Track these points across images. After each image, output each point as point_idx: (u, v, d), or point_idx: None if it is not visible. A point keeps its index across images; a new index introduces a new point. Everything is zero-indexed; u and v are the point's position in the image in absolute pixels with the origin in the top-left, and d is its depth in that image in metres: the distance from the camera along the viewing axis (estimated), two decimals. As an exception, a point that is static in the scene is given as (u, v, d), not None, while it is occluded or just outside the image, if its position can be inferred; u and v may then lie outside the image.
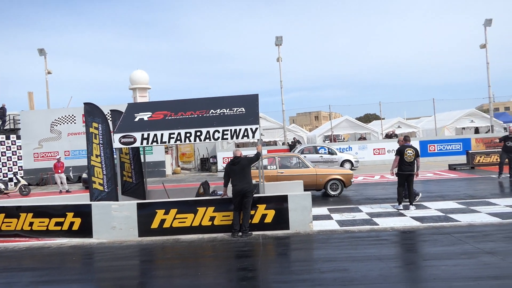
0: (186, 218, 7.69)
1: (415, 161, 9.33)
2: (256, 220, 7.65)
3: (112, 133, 8.38)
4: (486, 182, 13.30)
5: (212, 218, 7.67)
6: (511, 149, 13.40)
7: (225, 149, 24.94)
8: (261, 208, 7.67)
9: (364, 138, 27.59)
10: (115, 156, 8.45)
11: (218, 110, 8.41)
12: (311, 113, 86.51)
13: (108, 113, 9.91)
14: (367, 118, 57.07)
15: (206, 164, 25.61)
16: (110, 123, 8.86)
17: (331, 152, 20.52)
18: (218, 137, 7.80)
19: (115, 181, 8.40)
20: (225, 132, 7.78)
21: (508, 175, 13.48)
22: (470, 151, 18.84)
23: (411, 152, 9.31)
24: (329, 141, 27.83)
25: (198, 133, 7.76)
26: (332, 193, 12.04)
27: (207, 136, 7.78)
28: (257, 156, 7.89)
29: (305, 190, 11.89)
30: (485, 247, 6.07)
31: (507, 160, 13.48)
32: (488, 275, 4.91)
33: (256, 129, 7.82)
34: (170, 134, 7.78)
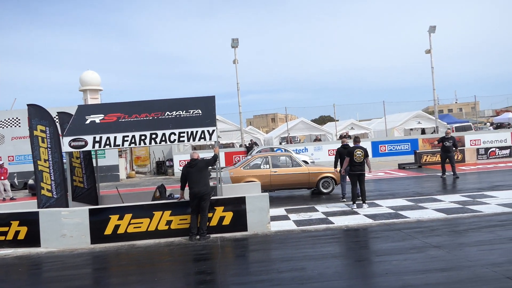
0: (142, 223, 7.49)
1: (365, 161, 9.73)
2: (214, 222, 7.59)
3: (61, 137, 7.99)
4: (432, 180, 14.08)
5: (169, 222, 7.52)
6: (449, 148, 14.30)
7: (182, 151, 24.57)
8: (219, 211, 7.63)
9: (319, 140, 28.25)
10: (64, 160, 8.06)
11: (174, 112, 8.28)
12: (268, 115, 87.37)
13: (56, 115, 9.45)
14: (322, 120, 58.49)
15: (162, 167, 25.08)
16: (58, 126, 8.45)
17: (287, 154, 20.80)
18: (175, 140, 7.67)
19: (65, 187, 8.00)
20: (182, 135, 7.67)
21: (452, 173, 14.35)
22: (417, 151, 19.88)
23: (360, 152, 9.70)
24: (285, 142, 28.22)
25: (154, 136, 7.59)
26: (324, 190, 12.21)
27: (163, 139, 7.63)
28: (215, 159, 7.84)
29: (297, 188, 12.58)
30: (432, 241, 6.42)
31: (448, 159, 14.39)
32: (436, 268, 5.19)
33: (213, 131, 7.79)
34: (124, 137, 7.54)
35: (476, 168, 17.53)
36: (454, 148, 14.39)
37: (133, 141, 7.55)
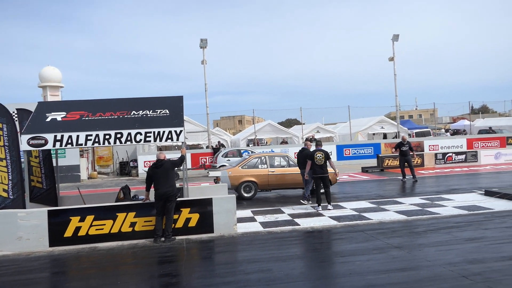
0: (104, 224, 7.26)
1: (327, 164, 9.91)
2: (179, 224, 7.49)
3: (19, 134, 7.62)
4: (393, 183, 14.56)
5: (133, 224, 7.34)
6: (406, 152, 15.01)
7: (147, 152, 24.08)
8: (185, 212, 7.53)
9: (286, 142, 28.54)
10: (22, 159, 7.69)
11: (141, 111, 8.09)
12: (235, 117, 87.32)
13: (14, 112, 9.01)
14: (289, 123, 59.09)
15: (126, 168, 24.45)
16: (17, 123, 8.05)
17: (254, 156, 20.87)
18: (140, 140, 7.51)
19: (22, 187, 7.63)
20: (148, 135, 7.52)
21: (411, 176, 14.92)
22: (380, 155, 20.54)
23: (320, 155, 9.92)
24: (252, 144, 28.32)
25: (119, 135, 7.39)
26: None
27: (128, 139, 7.44)
28: (181, 159, 7.74)
29: (292, 188, 12.71)
30: (394, 242, 6.64)
31: (406, 163, 15.03)
32: (397, 268, 5.37)
33: (181, 131, 7.69)
34: (87, 135, 7.29)
35: (434, 172, 18.31)
36: (411, 152, 15.14)
37: (97, 140, 7.31)
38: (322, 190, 10.06)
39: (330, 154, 10.83)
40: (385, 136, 31.41)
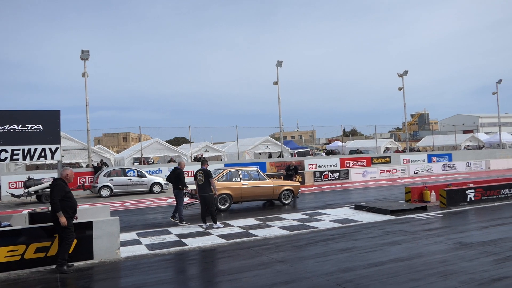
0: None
1: (209, 182, 9.97)
2: (53, 252, 6.69)
3: None
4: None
5: (-8, 255, 6.32)
6: (292, 176, 16.99)
7: (12, 172, 21.21)
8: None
9: (174, 161, 28.00)
10: None
11: (7, 126, 7.14)
12: (120, 134, 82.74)
13: None
14: (177, 141, 58.32)
15: (-15, 190, 21.07)
16: None
17: (140, 175, 20.01)
18: (6, 158, 6.62)
19: None
20: (16, 152, 6.68)
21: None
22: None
23: (200, 175, 10.06)
24: (138, 163, 27.09)
25: (-23, 152, 6.38)
26: (285, 201, 13.75)
27: (-10, 156, 6.48)
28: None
29: (264, 200, 13.80)
30: (278, 256, 6.97)
31: None
32: (281, 281, 5.64)
33: (57, 149, 7.00)
34: None
35: (313, 189, 19.87)
36: (296, 173, 17.42)
37: None
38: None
39: (212, 173, 11.03)
40: (270, 155, 33.07)
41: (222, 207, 12.58)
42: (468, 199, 12.34)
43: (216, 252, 7.64)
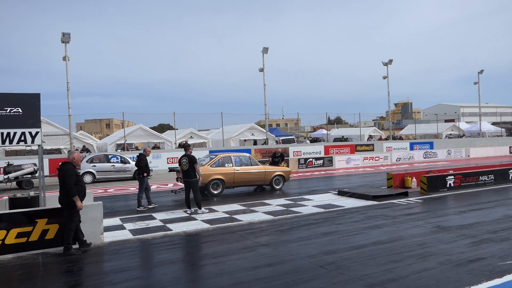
0: None
1: (194, 168, 9.91)
2: (35, 237, 6.62)
3: None
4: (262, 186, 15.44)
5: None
6: (278, 162, 17.84)
7: (-8, 157, 20.71)
8: (42, 223, 6.70)
9: (158, 147, 27.80)
10: None
11: (-15, 108, 6.96)
12: (102, 120, 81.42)
13: None
14: (161, 128, 57.76)
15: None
16: None
17: (123, 161, 19.82)
18: (-16, 141, 6.45)
19: None
20: (-5, 135, 6.50)
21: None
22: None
23: (185, 160, 10.01)
24: (121, 149, 26.81)
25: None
26: (276, 187, 14.02)
27: (-32, 139, 6.32)
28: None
29: (255, 185, 14.06)
30: (262, 240, 7.05)
31: None
32: (264, 264, 5.71)
33: (37, 133, 6.88)
34: None
35: (297, 175, 20.03)
36: (282, 160, 18.29)
37: None
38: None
39: (198, 159, 11.07)
40: (255, 142, 33.12)
41: (215, 192, 12.75)
42: (448, 185, 12.64)
43: (200, 236, 7.68)
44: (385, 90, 33.36)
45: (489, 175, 13.70)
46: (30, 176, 17.40)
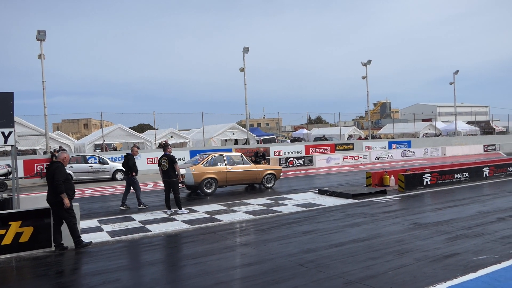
0: None
1: (174, 168, 9.80)
2: (8, 240, 6.42)
3: None
4: (241, 186, 15.41)
5: None
6: (260, 161, 17.84)
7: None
8: (15, 226, 6.49)
9: (138, 148, 27.39)
10: None
11: (-46, 107, 6.72)
12: (80, 120, 79.83)
13: None
14: (141, 128, 56.95)
15: None
16: None
17: (102, 162, 19.47)
18: (-46, 142, 6.21)
19: None
20: (-35, 136, 6.28)
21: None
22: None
23: (164, 160, 9.92)
24: (100, 150, 26.30)
25: None
26: (268, 185, 14.14)
27: None
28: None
29: (247, 184, 14.08)
30: (242, 240, 7.03)
31: None
32: (244, 263, 5.71)
33: (10, 133, 6.67)
34: None
35: (278, 175, 20.07)
36: (263, 159, 18.31)
37: None
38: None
39: (178, 159, 11.06)
40: (236, 142, 33.06)
41: (208, 191, 12.85)
42: (425, 183, 12.92)
43: (180, 237, 7.60)
44: (364, 90, 33.77)
45: (464, 173, 14.07)
46: (3, 178, 16.91)
